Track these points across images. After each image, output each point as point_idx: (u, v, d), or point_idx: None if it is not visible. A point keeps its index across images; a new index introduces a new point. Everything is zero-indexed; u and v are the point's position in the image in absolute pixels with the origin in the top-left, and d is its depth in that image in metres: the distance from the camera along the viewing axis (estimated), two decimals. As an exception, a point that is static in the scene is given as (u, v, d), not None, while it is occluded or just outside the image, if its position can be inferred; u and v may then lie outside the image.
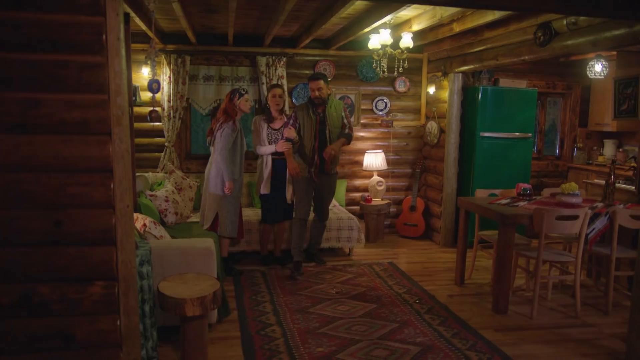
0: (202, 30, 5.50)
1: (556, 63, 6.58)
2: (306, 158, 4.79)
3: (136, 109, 5.50)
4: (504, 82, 5.93)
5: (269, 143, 4.96)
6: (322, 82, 4.65)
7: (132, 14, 3.89)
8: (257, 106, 6.09)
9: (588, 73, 5.80)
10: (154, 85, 3.17)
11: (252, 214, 5.42)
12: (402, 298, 4.34)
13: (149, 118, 4.21)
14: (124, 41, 2.23)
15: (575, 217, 3.87)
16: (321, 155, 4.74)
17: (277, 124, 5.02)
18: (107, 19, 2.11)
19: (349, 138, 4.89)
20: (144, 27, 4.45)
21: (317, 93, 4.65)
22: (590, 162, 6.68)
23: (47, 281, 2.15)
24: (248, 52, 5.96)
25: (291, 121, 4.78)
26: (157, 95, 5.68)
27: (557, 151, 7.06)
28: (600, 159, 6.56)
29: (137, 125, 5.62)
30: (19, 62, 2.06)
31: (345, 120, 4.88)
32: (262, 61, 5.88)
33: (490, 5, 2.61)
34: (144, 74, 5.66)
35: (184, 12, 4.16)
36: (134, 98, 5.15)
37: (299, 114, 4.76)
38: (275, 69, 5.90)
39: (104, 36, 2.11)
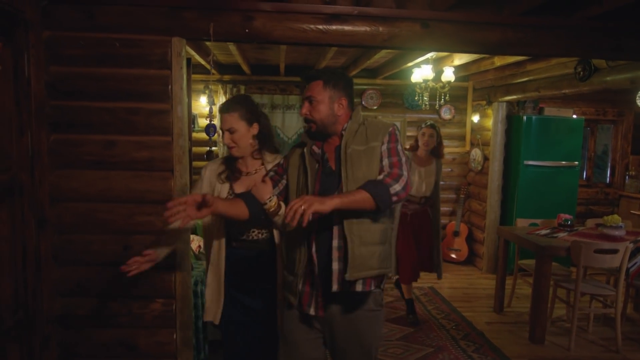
0: (256, 62, 5.89)
1: (606, 90, 6.51)
2: (293, 255, 2.06)
3: (194, 135, 5.94)
4: (550, 111, 5.94)
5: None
6: (320, 85, 2.04)
7: (193, 53, 4.30)
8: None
9: (638, 102, 5.74)
10: (210, 130, 3.54)
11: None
12: (439, 323, 4.45)
13: (205, 158, 4.66)
14: (186, 86, 2.58)
15: (615, 251, 3.86)
16: (320, 251, 1.98)
17: (243, 184, 2.36)
18: (173, 71, 2.46)
19: (375, 191, 1.88)
20: (202, 61, 4.87)
21: (305, 110, 2.06)
22: (644, 190, 6.53)
23: (116, 297, 2.49)
24: (299, 82, 6.29)
25: (272, 172, 2.22)
26: (214, 137, 6.08)
27: (608, 179, 6.94)
28: (654, 187, 6.41)
29: (194, 149, 6.06)
30: (99, 109, 2.44)
31: (387, 160, 2.00)
32: (311, 90, 6.18)
33: (518, 52, 2.77)
34: (202, 102, 6.12)
35: (238, 50, 4.54)
36: (192, 125, 5.59)
37: (290, 159, 2.19)
38: (324, 98, 6.19)
39: (169, 87, 2.46)
